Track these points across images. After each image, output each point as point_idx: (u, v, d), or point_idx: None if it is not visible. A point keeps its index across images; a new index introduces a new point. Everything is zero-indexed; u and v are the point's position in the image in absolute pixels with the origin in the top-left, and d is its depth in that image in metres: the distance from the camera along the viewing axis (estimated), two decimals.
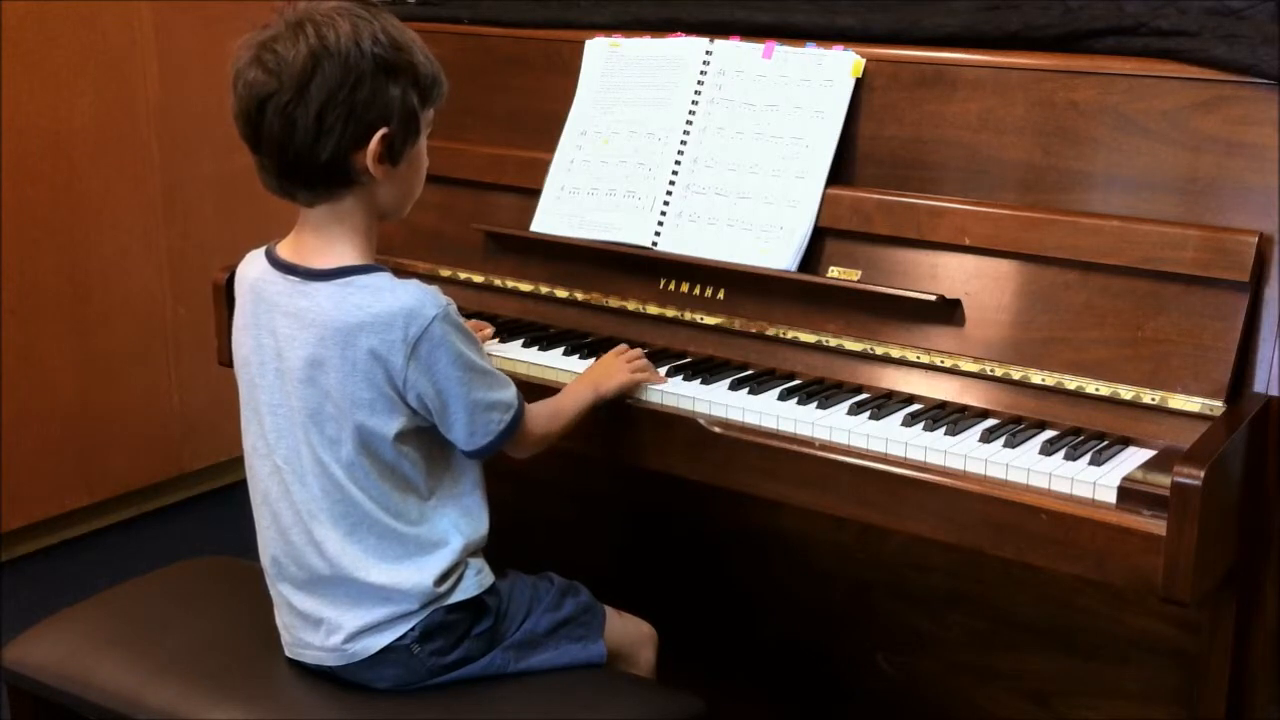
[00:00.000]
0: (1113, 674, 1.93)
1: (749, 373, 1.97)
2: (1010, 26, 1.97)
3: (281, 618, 1.79)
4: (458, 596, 1.73)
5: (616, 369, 1.91)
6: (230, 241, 3.38)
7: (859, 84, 2.03)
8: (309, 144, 1.63)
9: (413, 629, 1.71)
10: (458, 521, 1.75)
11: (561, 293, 2.18)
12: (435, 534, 1.73)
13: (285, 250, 1.74)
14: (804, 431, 1.82)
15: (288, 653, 1.79)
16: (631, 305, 2.13)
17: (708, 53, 2.16)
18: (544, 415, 1.82)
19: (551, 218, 2.20)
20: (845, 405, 1.86)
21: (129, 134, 3.31)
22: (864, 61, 2.03)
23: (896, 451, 1.75)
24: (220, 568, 2.07)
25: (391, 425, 1.67)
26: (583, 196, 2.19)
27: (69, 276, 3.24)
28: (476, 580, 1.75)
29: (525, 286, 2.23)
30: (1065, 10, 1.96)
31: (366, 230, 1.72)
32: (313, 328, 1.66)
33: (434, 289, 1.68)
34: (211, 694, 1.73)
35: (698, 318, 2.08)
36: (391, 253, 2.31)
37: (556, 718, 1.71)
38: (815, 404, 1.86)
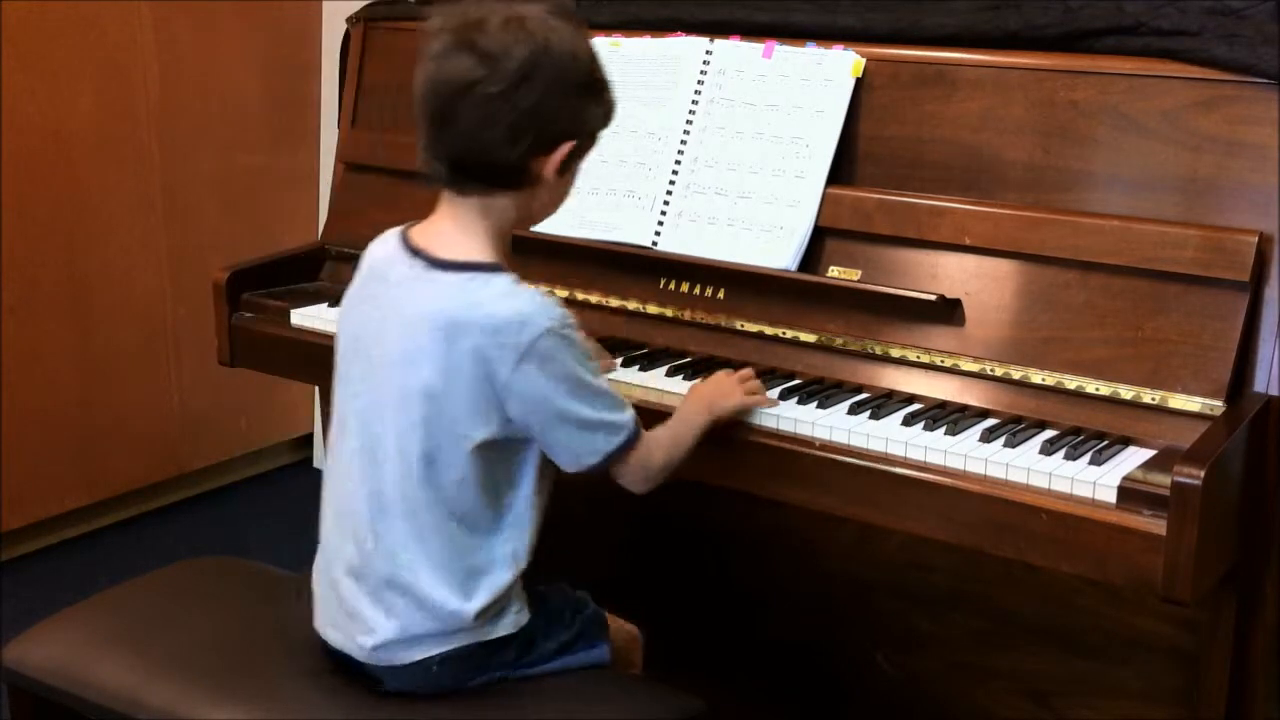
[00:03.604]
0: (1113, 674, 1.93)
1: (752, 372, 1.97)
2: (1010, 26, 1.97)
3: (320, 590, 1.76)
4: (494, 633, 1.71)
5: (730, 389, 1.86)
6: (230, 241, 3.39)
7: (859, 84, 2.03)
8: (501, 141, 1.60)
9: (441, 654, 1.69)
10: (515, 550, 1.71)
11: (562, 292, 2.18)
12: (492, 557, 1.69)
13: (418, 234, 1.71)
14: (804, 431, 1.82)
15: (315, 624, 1.77)
16: (632, 305, 2.13)
17: (708, 52, 2.16)
18: (664, 443, 1.75)
19: (552, 217, 2.19)
20: (845, 405, 1.86)
21: (129, 134, 3.31)
22: (864, 61, 2.03)
23: (896, 451, 1.75)
24: (220, 568, 2.07)
25: (480, 430, 1.63)
26: (583, 196, 2.19)
27: (69, 276, 3.24)
28: (514, 620, 1.73)
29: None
30: (1065, 10, 1.96)
31: (505, 231, 1.70)
32: (423, 316, 1.63)
33: (553, 300, 1.65)
34: (211, 694, 1.73)
35: (698, 317, 2.08)
36: None
37: (557, 718, 1.71)
38: (815, 404, 1.86)
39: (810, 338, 1.99)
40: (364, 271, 1.76)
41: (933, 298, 1.89)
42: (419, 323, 1.64)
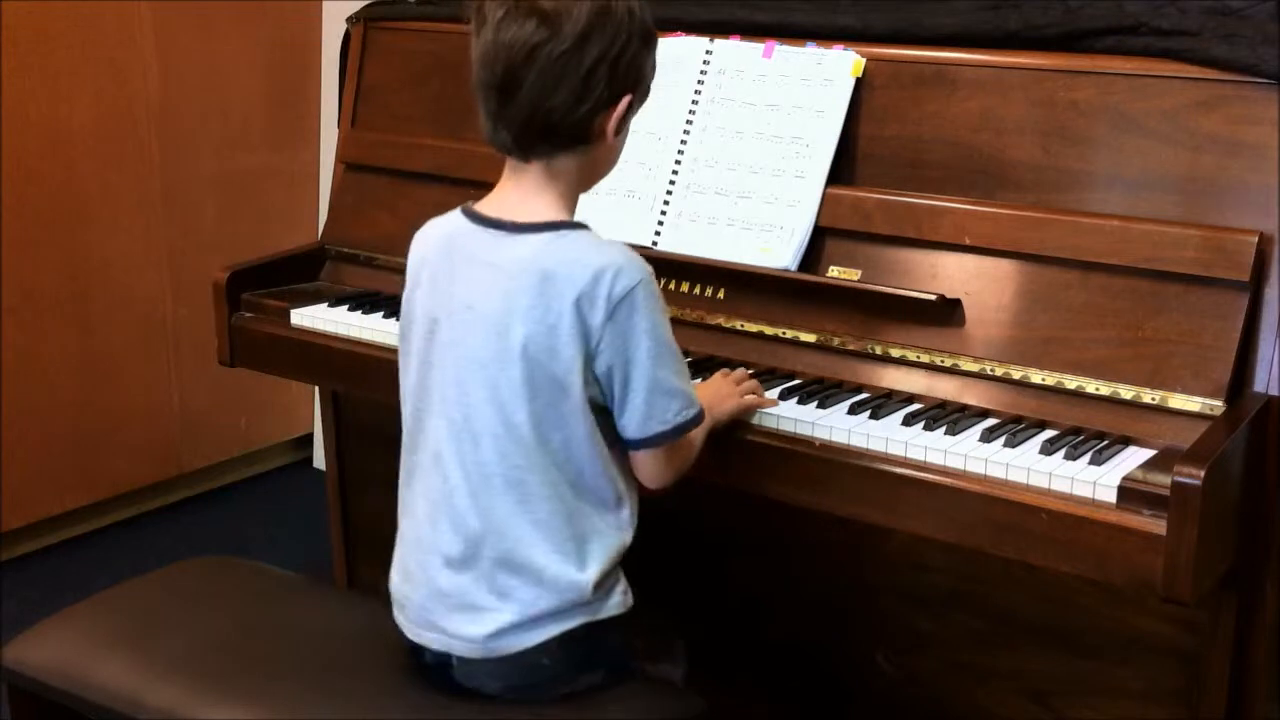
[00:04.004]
0: (1113, 674, 1.93)
1: (749, 372, 1.97)
2: (1010, 26, 1.97)
3: (410, 593, 1.72)
4: (605, 612, 1.70)
5: (727, 392, 1.85)
6: (230, 241, 3.39)
7: (859, 83, 2.03)
8: (571, 99, 1.60)
9: (558, 635, 1.67)
10: (621, 522, 1.70)
11: None
12: (604, 521, 1.68)
13: (487, 207, 1.70)
14: (804, 431, 1.82)
15: (407, 633, 1.74)
16: None
17: (708, 52, 2.16)
18: (684, 444, 1.73)
19: None
20: (845, 405, 1.86)
21: (129, 134, 3.31)
22: (864, 61, 2.03)
23: (896, 451, 1.75)
24: (220, 568, 2.07)
25: (581, 385, 1.62)
26: (583, 196, 2.18)
27: (69, 276, 3.24)
28: (622, 600, 1.72)
29: None
30: (1065, 10, 1.96)
31: (573, 193, 1.71)
32: (518, 276, 1.62)
33: (639, 255, 1.65)
34: (211, 694, 1.73)
35: (698, 317, 2.08)
36: (392, 252, 2.31)
37: (560, 717, 1.71)
38: (815, 404, 1.86)
39: (810, 338, 1.99)
40: (431, 248, 1.73)
41: (933, 298, 1.89)
42: (513, 283, 1.62)
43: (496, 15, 1.61)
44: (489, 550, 1.66)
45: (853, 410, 1.84)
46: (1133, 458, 1.69)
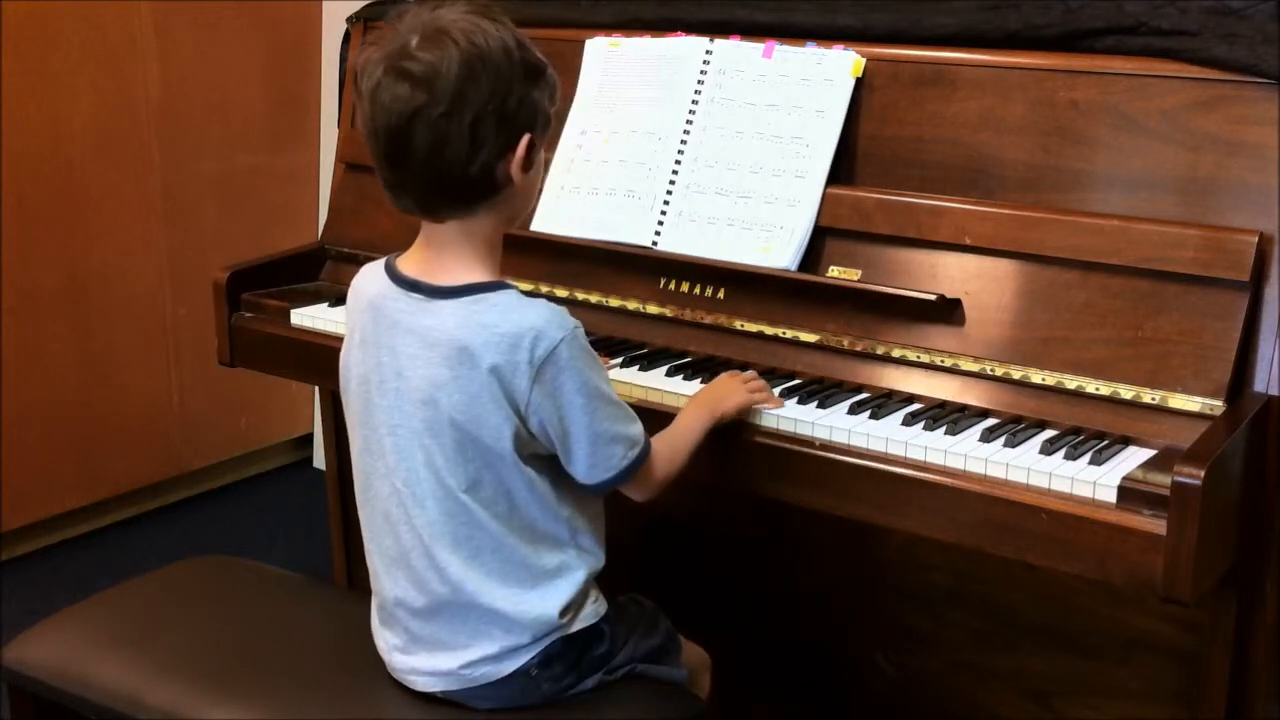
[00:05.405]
0: (1113, 674, 1.93)
1: (749, 372, 1.97)
2: (1010, 26, 1.97)
3: (390, 640, 1.74)
4: (577, 626, 1.70)
5: (733, 390, 1.84)
6: (230, 241, 3.39)
7: (859, 83, 2.03)
8: (462, 157, 1.57)
9: (534, 657, 1.68)
10: (583, 551, 1.71)
11: (561, 292, 2.18)
12: (561, 562, 1.69)
13: (407, 266, 1.69)
14: (804, 431, 1.82)
15: (395, 676, 1.75)
16: (632, 305, 2.13)
17: (708, 52, 2.16)
18: (665, 454, 1.73)
19: (552, 217, 2.20)
20: (845, 405, 1.86)
21: (129, 134, 3.31)
22: (864, 61, 2.03)
23: (896, 451, 1.75)
24: (220, 568, 2.07)
25: (514, 447, 1.62)
26: (583, 196, 2.19)
27: (69, 276, 3.24)
28: (594, 609, 1.73)
29: (525, 286, 2.22)
30: (1065, 10, 1.96)
31: (493, 244, 1.67)
32: (437, 346, 1.61)
33: (562, 310, 1.62)
34: (211, 694, 1.73)
35: (698, 317, 2.08)
36: (392, 252, 2.30)
37: (558, 717, 1.71)
38: (815, 403, 1.86)
39: (810, 338, 1.99)
40: (362, 311, 1.72)
41: (933, 298, 1.89)
42: (433, 354, 1.62)
43: (370, 84, 1.58)
44: (451, 602, 1.67)
45: (853, 410, 1.84)
46: (1133, 458, 1.69)
